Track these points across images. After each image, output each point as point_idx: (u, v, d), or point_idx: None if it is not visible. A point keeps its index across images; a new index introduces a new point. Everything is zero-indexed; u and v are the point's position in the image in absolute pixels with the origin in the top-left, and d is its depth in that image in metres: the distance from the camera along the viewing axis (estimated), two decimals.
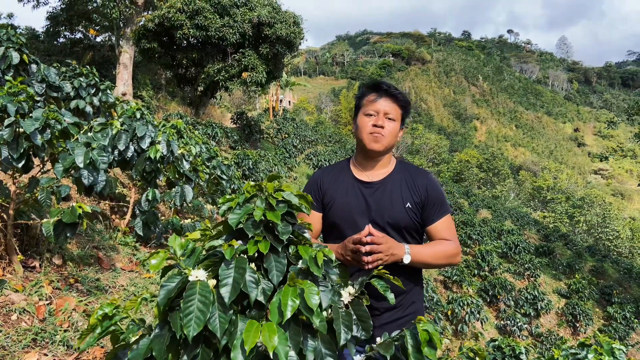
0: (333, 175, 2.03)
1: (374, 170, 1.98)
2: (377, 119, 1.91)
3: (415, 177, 1.97)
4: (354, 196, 1.94)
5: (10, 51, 4.31)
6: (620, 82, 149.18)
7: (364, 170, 2.00)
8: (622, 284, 18.94)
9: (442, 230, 1.94)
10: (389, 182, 1.95)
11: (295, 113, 43.89)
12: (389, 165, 2.01)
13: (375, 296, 1.71)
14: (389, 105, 1.92)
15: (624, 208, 58.79)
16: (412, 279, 1.93)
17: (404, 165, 2.04)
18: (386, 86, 1.94)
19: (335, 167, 2.08)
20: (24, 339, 2.54)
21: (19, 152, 2.83)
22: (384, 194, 1.92)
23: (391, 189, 1.93)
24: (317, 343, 1.33)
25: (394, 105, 1.93)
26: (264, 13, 15.10)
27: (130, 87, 16.04)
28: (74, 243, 3.89)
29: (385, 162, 2.00)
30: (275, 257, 1.41)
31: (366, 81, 2.08)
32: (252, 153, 12.72)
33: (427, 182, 1.96)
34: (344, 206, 1.93)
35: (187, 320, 1.21)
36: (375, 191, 1.93)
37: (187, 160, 4.97)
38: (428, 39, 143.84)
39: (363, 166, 2.00)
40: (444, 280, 13.84)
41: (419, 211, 1.92)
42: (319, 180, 2.03)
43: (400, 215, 1.89)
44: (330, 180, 2.01)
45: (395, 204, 1.90)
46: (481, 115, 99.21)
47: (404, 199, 1.91)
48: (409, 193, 1.92)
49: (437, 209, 1.94)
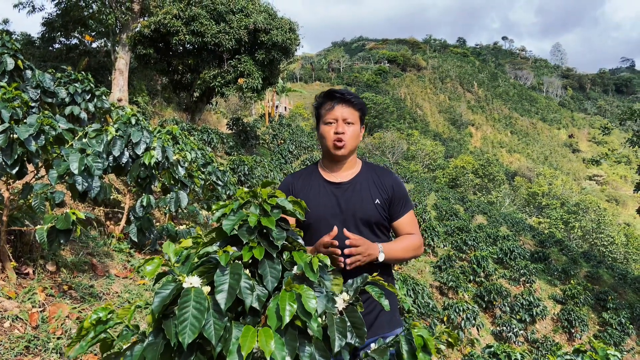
0: (303, 180, 2.13)
1: (342, 172, 2.11)
2: (337, 126, 2.03)
3: (381, 176, 2.11)
4: (325, 197, 2.04)
5: (5, 57, 4.31)
6: (614, 88, 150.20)
7: (332, 172, 2.11)
8: (617, 290, 18.97)
9: (406, 225, 2.10)
10: (357, 181, 2.08)
11: (291, 119, 43.94)
12: (356, 166, 2.14)
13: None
14: (346, 111, 2.04)
15: (618, 214, 59.08)
16: (385, 273, 2.04)
17: (369, 165, 2.18)
18: (339, 94, 2.06)
19: (304, 172, 2.19)
20: (17, 347, 2.52)
21: (12, 158, 2.81)
22: (354, 192, 2.04)
23: (360, 187, 2.06)
24: (313, 349, 1.32)
25: (350, 109, 2.05)
26: (260, 19, 15.15)
27: (125, 93, 16.02)
28: (67, 249, 3.87)
29: (352, 163, 2.13)
30: (269, 263, 1.41)
31: (322, 91, 2.18)
32: (247, 159, 12.70)
33: (393, 180, 2.11)
34: (318, 207, 2.02)
35: (182, 327, 1.20)
36: (345, 191, 2.05)
37: (183, 166, 4.95)
38: (423, 46, 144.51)
39: (330, 169, 2.11)
40: (439, 286, 13.83)
41: (386, 207, 2.06)
42: (290, 185, 2.13)
43: (371, 212, 2.01)
44: (302, 184, 2.11)
45: (365, 201, 2.02)
46: (476, 122, 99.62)
47: (373, 196, 2.04)
48: (377, 191, 2.06)
49: (402, 205, 2.09)
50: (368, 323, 1.90)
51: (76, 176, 3.04)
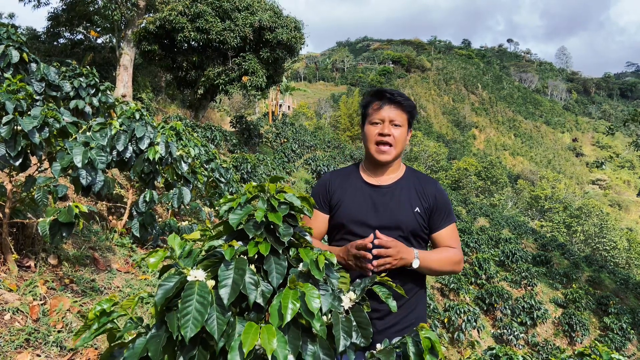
0: (342, 178, 2.04)
1: (384, 176, 2.00)
2: (382, 127, 1.93)
3: (424, 184, 1.99)
4: (362, 198, 1.95)
5: (10, 49, 4.29)
6: (618, 93, 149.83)
7: (373, 175, 2.00)
8: (618, 295, 18.91)
9: (447, 238, 1.96)
10: (398, 186, 1.97)
11: (295, 118, 43.92)
12: (399, 170, 2.03)
13: (378, 297, 1.70)
14: (393, 112, 1.93)
15: (621, 219, 58.94)
16: (416, 283, 1.94)
17: (413, 172, 2.06)
18: (389, 93, 1.95)
19: (344, 171, 2.10)
20: (17, 339, 2.50)
21: (16, 150, 2.80)
22: (392, 197, 1.93)
23: (400, 193, 1.94)
24: (316, 348, 1.30)
25: (399, 111, 1.94)
26: (266, 17, 15.13)
27: (130, 89, 16.02)
28: (69, 243, 3.85)
29: (395, 167, 2.02)
30: (275, 259, 1.39)
31: (369, 89, 2.09)
32: (250, 157, 12.69)
33: (436, 190, 1.99)
34: (352, 207, 1.94)
35: (184, 321, 1.18)
36: (384, 195, 1.94)
37: (186, 162, 4.94)
38: (428, 47, 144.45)
39: (372, 171, 2.01)
40: (441, 288, 13.79)
41: (426, 217, 1.94)
42: (328, 182, 2.04)
43: (408, 218, 1.90)
44: (339, 183, 2.02)
45: (403, 207, 1.91)
46: (480, 124, 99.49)
47: (413, 203, 1.93)
48: (417, 199, 1.94)
49: (444, 217, 1.96)
50: (399, 328, 1.83)
51: (80, 169, 3.02)
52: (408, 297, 1.87)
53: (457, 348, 11.18)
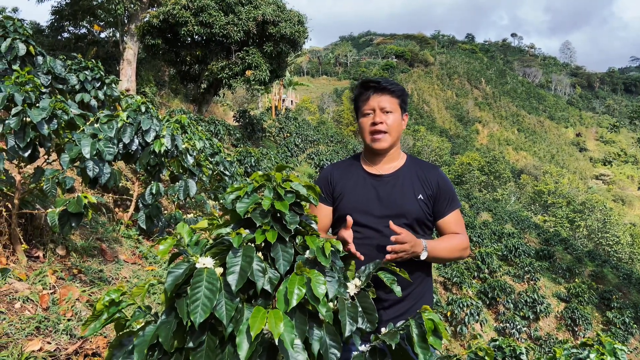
0: (343, 170, 2.04)
1: (384, 164, 1.99)
2: (374, 117, 1.93)
3: (426, 171, 1.98)
4: (364, 188, 1.95)
5: (17, 42, 4.32)
6: (622, 88, 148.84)
7: (373, 165, 2.00)
8: (621, 289, 18.92)
9: (452, 224, 1.96)
10: (400, 175, 1.96)
11: (298, 112, 43.90)
12: (399, 159, 2.02)
13: (385, 287, 1.72)
14: (383, 99, 1.93)
15: (624, 214, 58.74)
16: (423, 271, 1.94)
17: (414, 159, 2.05)
18: (375, 82, 1.95)
19: (345, 162, 2.10)
20: (28, 327, 2.55)
21: (25, 141, 2.84)
22: (395, 186, 1.93)
23: (402, 181, 1.94)
24: (323, 333, 1.33)
25: (388, 97, 1.93)
26: (269, 11, 15.11)
27: (133, 83, 16.05)
28: (77, 234, 3.90)
29: (395, 155, 2.01)
30: (282, 246, 1.42)
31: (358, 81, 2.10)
32: (254, 151, 12.72)
33: (438, 176, 1.98)
34: (355, 197, 1.94)
35: (193, 307, 1.21)
36: (386, 183, 1.94)
37: (191, 154, 4.97)
38: (431, 41, 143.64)
39: (372, 161, 2.01)
40: (443, 282, 13.83)
41: (430, 204, 1.94)
42: (330, 174, 2.04)
43: (411, 206, 1.90)
44: (341, 174, 2.02)
45: (406, 195, 1.91)
46: (483, 119, 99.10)
47: (416, 191, 1.92)
48: (420, 186, 1.94)
49: (448, 203, 1.96)
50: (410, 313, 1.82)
51: (87, 161, 3.06)
52: (414, 286, 1.88)
53: (460, 341, 11.24)
